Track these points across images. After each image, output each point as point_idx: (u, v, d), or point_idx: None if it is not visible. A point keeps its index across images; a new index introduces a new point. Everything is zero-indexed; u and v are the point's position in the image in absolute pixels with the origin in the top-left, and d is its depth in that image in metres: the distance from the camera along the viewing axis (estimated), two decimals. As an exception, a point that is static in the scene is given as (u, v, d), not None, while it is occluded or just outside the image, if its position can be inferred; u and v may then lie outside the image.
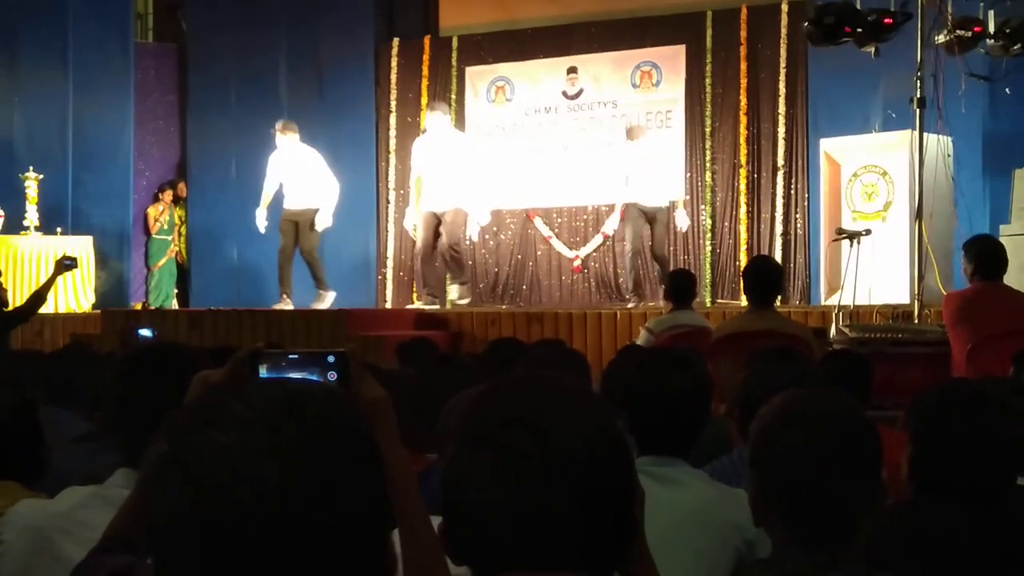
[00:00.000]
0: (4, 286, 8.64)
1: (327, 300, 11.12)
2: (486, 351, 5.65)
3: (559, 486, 1.32)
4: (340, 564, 1.08)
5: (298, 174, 11.06)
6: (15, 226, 12.07)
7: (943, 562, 2.33)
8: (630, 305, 10.43)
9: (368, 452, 1.14)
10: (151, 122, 13.83)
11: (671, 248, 12.03)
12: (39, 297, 8.48)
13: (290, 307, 10.93)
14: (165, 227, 13.52)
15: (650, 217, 10.63)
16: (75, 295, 11.99)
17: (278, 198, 11.14)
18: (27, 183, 12.04)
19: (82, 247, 11.87)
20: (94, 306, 11.98)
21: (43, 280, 9.46)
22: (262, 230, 11.06)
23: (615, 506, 1.37)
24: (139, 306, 12.82)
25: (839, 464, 2.05)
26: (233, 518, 1.04)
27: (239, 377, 1.62)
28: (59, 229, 12.20)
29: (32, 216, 12.07)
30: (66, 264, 8.73)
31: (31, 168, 12.08)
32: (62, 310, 11.63)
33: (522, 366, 3.90)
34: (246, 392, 1.13)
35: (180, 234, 13.76)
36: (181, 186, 13.82)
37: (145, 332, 7.95)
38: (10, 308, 8.52)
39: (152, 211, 13.49)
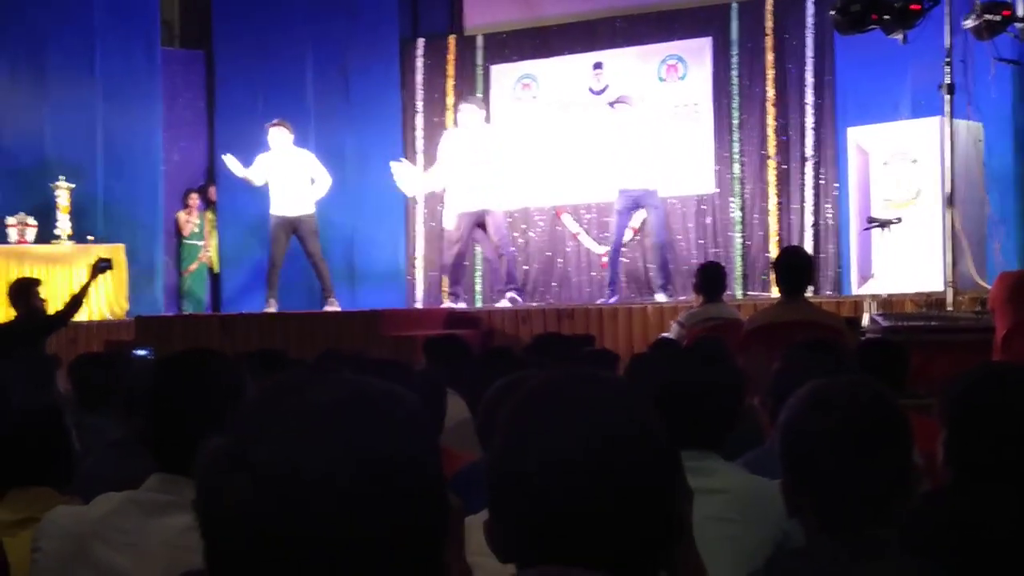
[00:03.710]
0: (41, 295, 8.71)
1: (335, 307, 11.21)
2: (530, 345, 5.66)
3: (606, 481, 1.32)
4: (397, 564, 1.07)
5: (292, 179, 11.13)
6: (47, 235, 12.15)
7: (982, 547, 2.31)
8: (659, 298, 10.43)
9: (429, 453, 1.13)
10: (179, 128, 13.89)
11: (701, 241, 12.01)
12: (76, 302, 8.55)
13: (275, 311, 11.04)
14: (196, 230, 13.60)
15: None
16: (108, 302, 12.05)
17: (267, 200, 11.26)
18: (58, 192, 12.12)
19: (114, 255, 11.93)
20: (127, 313, 12.05)
21: (77, 286, 9.53)
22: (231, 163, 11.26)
23: (663, 503, 1.36)
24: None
25: (868, 449, 2.03)
26: (296, 517, 1.03)
27: None
28: (90, 237, 12.27)
29: (64, 225, 12.15)
30: (101, 266, 8.81)
31: (62, 177, 12.16)
32: (96, 317, 11.70)
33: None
34: (312, 388, 1.12)
35: (212, 239, 13.82)
36: (212, 190, 13.88)
37: (141, 352, 8.01)
38: (48, 314, 8.59)
39: (182, 215, 13.58)
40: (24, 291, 8.42)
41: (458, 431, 3.94)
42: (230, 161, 11.25)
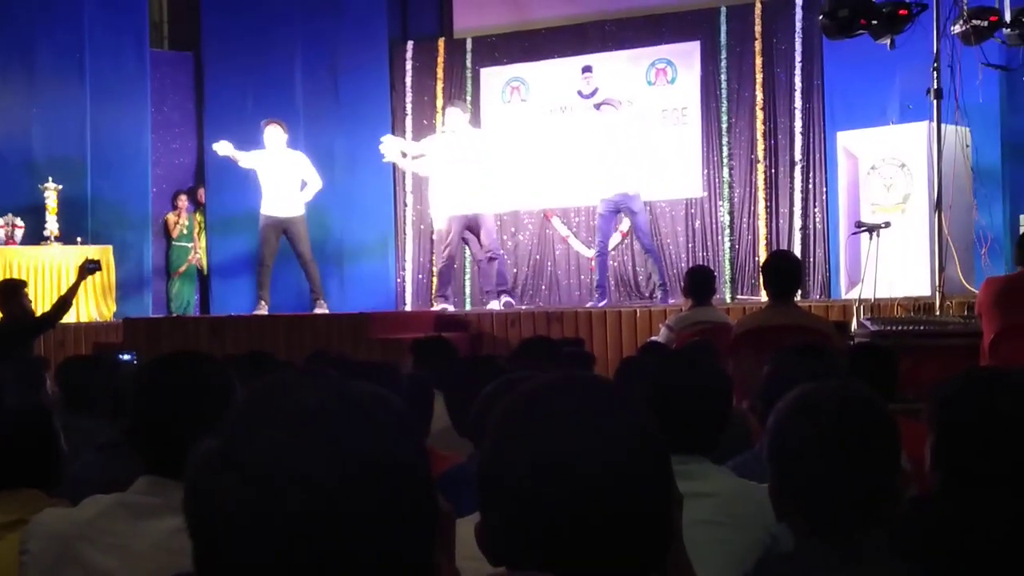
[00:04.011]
0: (29, 296, 8.67)
1: (324, 309, 11.21)
2: (516, 350, 5.66)
3: (599, 485, 1.31)
4: (386, 567, 1.07)
5: (284, 179, 11.11)
6: (35, 237, 12.13)
7: (970, 552, 2.31)
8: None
9: (418, 456, 1.13)
10: (168, 130, 13.88)
11: (690, 245, 12.03)
12: (65, 303, 8.50)
13: (266, 312, 11.02)
14: (185, 232, 13.58)
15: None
16: (96, 304, 12.03)
17: (255, 201, 11.26)
18: (46, 193, 12.10)
19: (102, 256, 11.90)
20: (115, 315, 12.03)
21: (65, 288, 9.50)
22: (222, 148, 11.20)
23: (654, 508, 1.36)
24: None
25: (855, 453, 2.03)
26: (285, 517, 1.03)
27: None
28: (79, 239, 12.24)
29: (52, 226, 12.12)
30: (89, 267, 8.76)
31: (50, 178, 12.14)
32: (84, 319, 11.67)
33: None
34: (300, 391, 1.12)
35: (201, 240, 13.81)
36: (201, 192, 13.87)
37: (125, 357, 7.98)
38: (36, 316, 8.56)
39: (171, 217, 13.57)
40: (12, 293, 8.37)
41: (445, 433, 3.94)
42: (222, 147, 11.21)
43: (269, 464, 1.05)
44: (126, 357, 8.06)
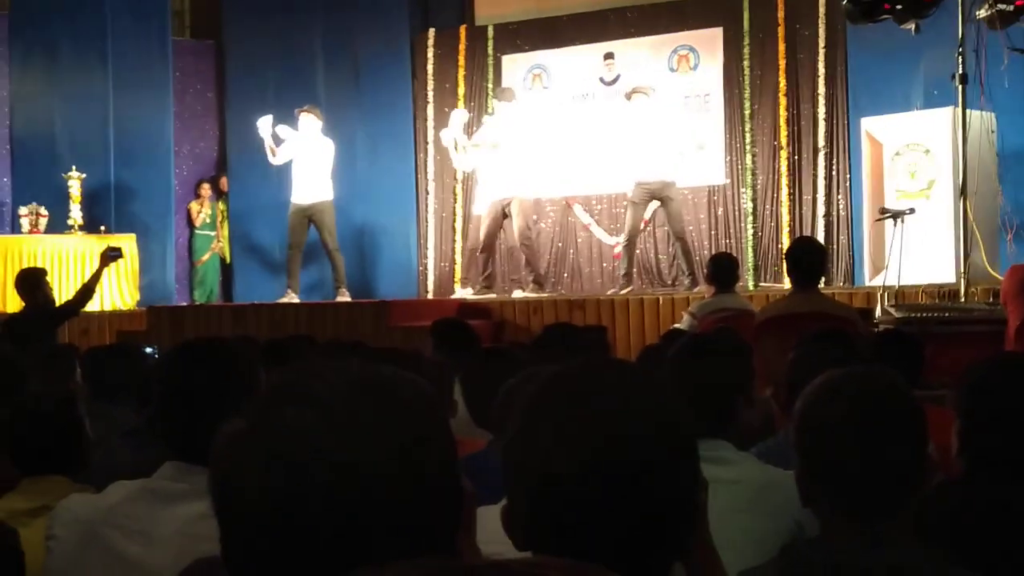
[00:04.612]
0: (50, 284, 8.69)
1: (346, 297, 11.22)
2: (539, 336, 5.67)
3: (624, 468, 1.31)
4: (411, 546, 1.07)
5: (312, 166, 11.12)
6: (59, 225, 12.19)
7: (996, 538, 2.30)
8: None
9: (443, 437, 1.13)
10: (190, 118, 13.92)
11: (713, 232, 11.99)
12: (88, 290, 8.50)
13: (297, 301, 11.03)
14: (208, 221, 13.62)
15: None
16: (120, 292, 12.08)
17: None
18: (70, 182, 12.16)
19: (125, 245, 11.94)
20: (139, 303, 12.08)
21: (89, 276, 9.53)
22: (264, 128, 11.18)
23: (680, 492, 1.35)
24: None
25: (882, 439, 2.02)
26: (310, 495, 1.04)
27: None
28: (102, 227, 12.30)
29: (75, 215, 12.18)
30: (111, 255, 8.76)
31: (73, 167, 12.19)
32: (107, 308, 11.72)
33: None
34: (325, 373, 1.13)
35: (223, 229, 13.85)
36: (223, 180, 13.91)
37: (148, 350, 7.98)
38: (58, 304, 8.57)
39: (194, 205, 13.61)
40: (33, 281, 8.37)
41: (460, 418, 3.94)
42: (264, 126, 11.18)
43: (295, 442, 1.05)
44: (148, 350, 8.08)
